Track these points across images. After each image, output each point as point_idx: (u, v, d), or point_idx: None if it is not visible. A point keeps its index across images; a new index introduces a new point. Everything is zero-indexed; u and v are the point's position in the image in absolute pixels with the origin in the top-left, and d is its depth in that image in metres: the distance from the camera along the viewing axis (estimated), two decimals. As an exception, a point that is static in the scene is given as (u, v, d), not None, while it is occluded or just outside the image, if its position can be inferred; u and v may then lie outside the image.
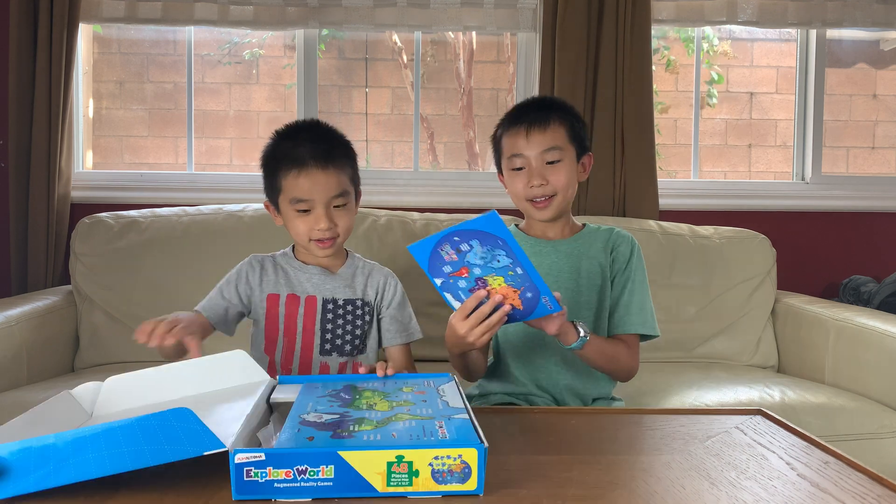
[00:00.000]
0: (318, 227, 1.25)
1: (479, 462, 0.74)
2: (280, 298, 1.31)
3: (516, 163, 1.33)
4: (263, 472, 0.72)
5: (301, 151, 1.25)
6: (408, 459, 0.73)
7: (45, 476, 0.74)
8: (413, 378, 1.04)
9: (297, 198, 1.25)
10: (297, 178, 1.24)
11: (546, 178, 1.31)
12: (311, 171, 1.24)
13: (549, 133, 1.32)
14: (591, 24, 2.35)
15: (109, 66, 2.68)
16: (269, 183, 1.31)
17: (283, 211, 1.29)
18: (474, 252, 1.03)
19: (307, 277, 1.33)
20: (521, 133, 1.33)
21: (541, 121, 1.32)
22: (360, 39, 2.77)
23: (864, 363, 1.81)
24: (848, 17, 2.49)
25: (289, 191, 1.26)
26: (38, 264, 2.27)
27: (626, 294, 1.35)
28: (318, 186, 1.25)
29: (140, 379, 1.00)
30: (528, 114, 1.34)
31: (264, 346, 1.32)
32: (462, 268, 1.06)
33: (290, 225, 1.29)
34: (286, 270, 1.34)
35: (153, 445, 0.74)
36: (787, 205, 2.57)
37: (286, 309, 1.30)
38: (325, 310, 1.31)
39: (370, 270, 1.38)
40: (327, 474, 0.72)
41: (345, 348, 1.32)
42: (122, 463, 0.74)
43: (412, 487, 0.73)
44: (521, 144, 1.32)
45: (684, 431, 0.97)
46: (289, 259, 1.36)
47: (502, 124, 1.39)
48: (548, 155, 1.31)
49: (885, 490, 0.77)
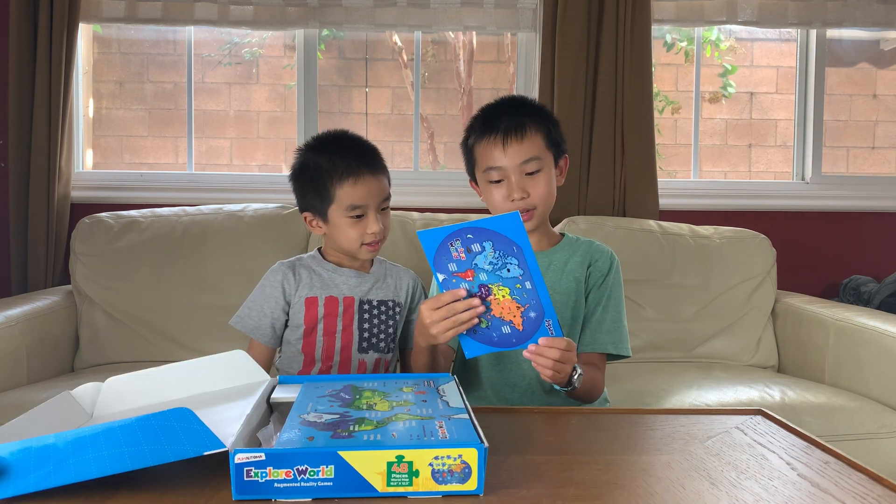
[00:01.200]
0: (371, 230, 1.30)
1: (480, 462, 0.74)
2: (319, 301, 1.34)
3: (493, 175, 1.27)
4: (263, 472, 0.72)
5: (351, 161, 1.29)
6: (408, 459, 0.73)
7: (45, 476, 0.74)
8: (413, 378, 1.04)
9: (353, 205, 1.29)
10: (353, 186, 1.28)
11: (526, 190, 1.26)
12: (365, 178, 1.29)
13: (526, 143, 1.26)
14: (591, 24, 2.35)
15: (109, 66, 2.68)
16: (314, 194, 1.32)
17: (334, 220, 1.31)
18: (485, 255, 0.99)
19: (343, 280, 1.37)
20: (496, 144, 1.26)
21: (516, 129, 1.26)
22: (360, 39, 2.77)
23: (864, 363, 1.81)
24: (848, 17, 2.49)
25: (344, 199, 1.29)
26: (38, 264, 2.27)
27: (599, 310, 1.31)
28: (373, 192, 1.30)
29: (140, 379, 1.01)
30: (501, 119, 1.27)
31: (302, 345, 1.35)
32: (468, 270, 1.01)
33: (339, 232, 1.32)
34: (320, 274, 1.37)
35: (153, 445, 0.74)
36: (787, 205, 2.57)
37: (325, 310, 1.34)
38: (362, 310, 1.36)
39: (398, 272, 1.44)
40: (327, 474, 0.72)
41: (380, 346, 1.37)
42: (122, 463, 0.74)
43: (412, 487, 0.73)
44: (498, 156, 1.26)
45: (684, 431, 0.97)
46: (320, 262, 1.39)
47: (473, 131, 1.32)
48: (527, 166, 1.26)
49: (886, 490, 0.77)
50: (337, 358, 1.34)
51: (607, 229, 2.20)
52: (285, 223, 2.16)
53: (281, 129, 2.78)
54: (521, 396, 1.32)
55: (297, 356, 1.35)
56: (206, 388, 1.00)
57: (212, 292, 2.07)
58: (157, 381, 1.00)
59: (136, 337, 2.05)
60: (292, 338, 1.36)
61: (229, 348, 1.04)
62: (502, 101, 1.35)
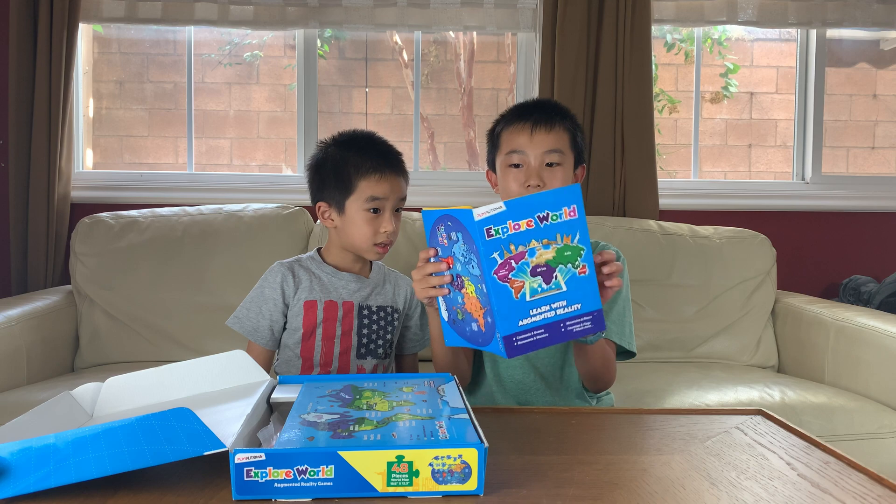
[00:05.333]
0: (385, 229, 1.31)
1: (480, 462, 0.74)
2: (318, 305, 1.33)
3: (514, 159, 1.29)
4: (264, 472, 0.72)
5: (380, 159, 1.32)
6: (408, 459, 0.73)
7: (45, 476, 0.74)
8: (413, 378, 1.04)
9: (374, 196, 1.30)
10: (378, 181, 1.30)
11: (543, 179, 1.27)
12: (389, 176, 1.31)
13: (553, 134, 1.29)
14: (591, 24, 2.35)
15: (109, 65, 2.68)
16: (335, 184, 1.32)
17: (350, 213, 1.31)
18: (459, 245, 0.95)
19: (343, 284, 1.36)
20: (525, 130, 1.29)
21: (546, 121, 1.29)
22: (360, 39, 2.77)
23: (864, 363, 1.81)
24: (848, 17, 2.49)
25: (366, 190, 1.30)
26: (38, 264, 2.27)
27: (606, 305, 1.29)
28: (394, 189, 1.32)
29: (140, 379, 1.01)
30: (533, 113, 1.31)
31: (301, 349, 1.33)
32: (449, 256, 1.00)
33: (353, 227, 1.31)
34: (320, 277, 1.36)
35: (153, 445, 0.74)
36: (787, 205, 2.57)
37: (325, 314, 1.33)
38: (361, 315, 1.35)
39: (396, 279, 1.43)
40: (327, 474, 0.72)
41: (378, 352, 1.37)
42: (122, 463, 0.73)
43: (412, 487, 0.73)
44: (524, 141, 1.29)
45: (684, 431, 0.97)
46: (320, 264, 1.37)
47: (503, 120, 1.36)
48: (549, 157, 1.28)
49: (886, 490, 0.77)
50: (336, 363, 1.33)
51: (607, 229, 2.20)
52: (285, 223, 2.16)
53: (281, 129, 2.78)
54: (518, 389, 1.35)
55: (294, 360, 1.34)
56: (205, 388, 1.00)
57: (212, 292, 2.07)
58: (157, 381, 1.00)
59: (136, 337, 2.05)
60: (290, 341, 1.34)
61: (229, 349, 1.04)
62: (537, 100, 1.41)
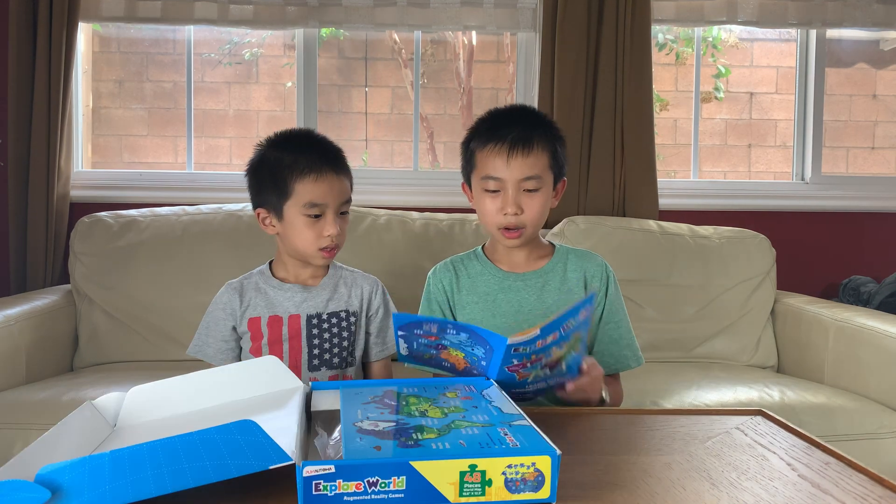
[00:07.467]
0: (328, 233, 1.24)
1: (553, 469, 0.70)
2: (261, 321, 1.30)
3: (490, 185, 1.24)
4: (333, 486, 0.66)
5: (314, 157, 1.24)
6: (481, 468, 0.68)
7: (99, 497, 0.67)
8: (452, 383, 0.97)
9: (312, 202, 1.23)
10: (315, 182, 1.23)
11: (521, 206, 1.22)
12: (327, 176, 1.24)
13: (531, 159, 1.22)
14: (591, 24, 2.35)
15: (109, 65, 2.68)
16: (271, 188, 1.26)
17: (290, 218, 1.25)
18: (457, 336, 0.97)
19: (288, 297, 1.31)
20: (500, 154, 1.22)
21: (524, 143, 1.21)
22: (359, 39, 2.76)
23: (864, 363, 1.81)
24: (848, 17, 2.49)
25: (303, 195, 1.23)
26: (37, 264, 2.27)
27: (612, 329, 1.30)
28: (333, 191, 1.25)
29: (165, 388, 0.94)
30: (509, 129, 1.23)
31: None
32: (434, 336, 0.99)
33: (294, 233, 1.26)
34: (265, 292, 1.32)
35: (216, 460, 0.68)
36: (787, 205, 2.57)
37: (269, 330, 1.29)
38: (310, 325, 1.30)
39: (353, 279, 1.37)
40: (399, 486, 0.67)
41: (333, 361, 1.31)
42: (183, 480, 0.68)
43: (485, 497, 0.69)
44: (500, 167, 1.22)
45: (684, 432, 0.97)
46: (267, 279, 1.33)
47: (477, 135, 1.27)
48: (526, 183, 1.22)
49: (886, 491, 0.77)
50: None
51: (607, 229, 2.20)
52: (285, 223, 2.15)
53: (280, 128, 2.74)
54: None
55: None
56: (236, 396, 0.94)
57: (211, 292, 2.04)
58: (183, 389, 0.94)
59: (136, 336, 2.05)
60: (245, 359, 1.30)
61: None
62: (513, 109, 1.30)
